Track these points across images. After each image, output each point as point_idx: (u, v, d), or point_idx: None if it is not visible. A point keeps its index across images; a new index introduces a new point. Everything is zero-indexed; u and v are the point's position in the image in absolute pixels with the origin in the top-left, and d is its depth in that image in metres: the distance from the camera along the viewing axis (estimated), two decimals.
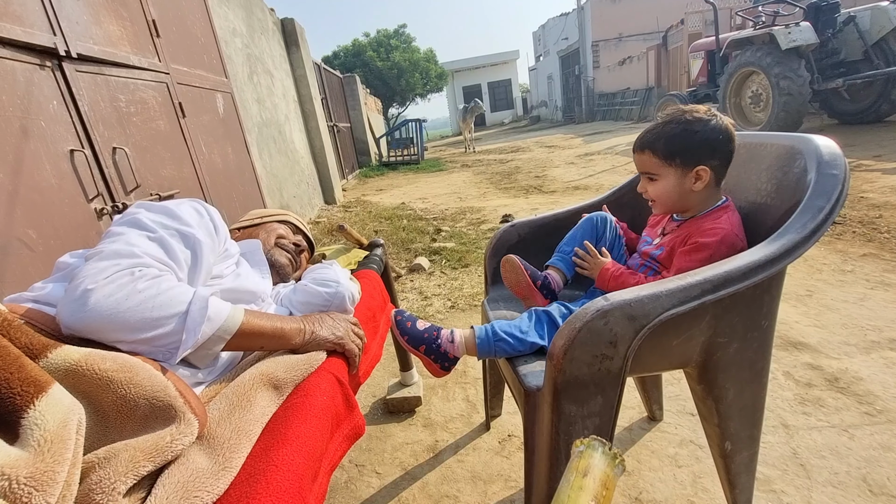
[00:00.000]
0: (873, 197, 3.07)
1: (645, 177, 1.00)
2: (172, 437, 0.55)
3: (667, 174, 0.95)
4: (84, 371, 0.54)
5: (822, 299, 1.92)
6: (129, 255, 0.65)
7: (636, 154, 1.00)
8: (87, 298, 0.59)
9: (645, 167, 0.98)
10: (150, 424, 0.56)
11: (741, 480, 0.94)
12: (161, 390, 0.57)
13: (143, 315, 0.61)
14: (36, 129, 1.37)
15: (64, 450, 0.45)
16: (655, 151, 0.95)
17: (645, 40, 15.02)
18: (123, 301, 0.60)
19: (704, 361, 0.83)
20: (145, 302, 0.62)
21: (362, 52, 19.07)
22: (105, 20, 1.75)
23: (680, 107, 0.97)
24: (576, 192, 5.00)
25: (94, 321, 0.59)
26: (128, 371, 0.56)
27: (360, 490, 1.28)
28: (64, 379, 0.52)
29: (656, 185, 0.97)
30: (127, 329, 0.61)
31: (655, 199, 0.99)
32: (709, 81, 6.81)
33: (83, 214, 1.50)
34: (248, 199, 2.92)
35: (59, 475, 0.44)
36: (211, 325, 0.66)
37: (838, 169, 0.79)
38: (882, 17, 5.04)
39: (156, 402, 0.56)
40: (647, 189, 1.00)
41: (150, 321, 0.62)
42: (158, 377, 0.58)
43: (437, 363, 0.92)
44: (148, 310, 0.62)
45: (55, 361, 0.53)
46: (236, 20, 3.72)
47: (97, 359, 0.56)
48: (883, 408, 1.29)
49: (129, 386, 0.55)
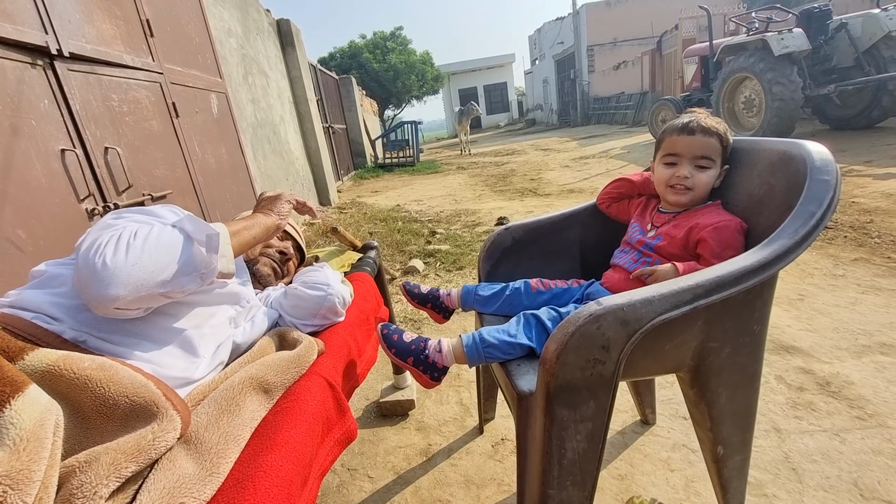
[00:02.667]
0: (864, 202, 3.10)
1: (695, 162, 0.99)
2: (154, 434, 0.54)
3: (717, 164, 0.99)
4: (62, 371, 0.53)
5: (814, 303, 1.93)
6: (111, 226, 0.68)
7: (699, 135, 0.98)
8: (103, 267, 0.60)
9: (706, 151, 0.98)
10: (132, 424, 0.55)
11: (733, 484, 0.95)
12: (142, 387, 0.56)
13: (156, 253, 0.64)
14: (26, 127, 1.35)
15: (40, 449, 0.44)
16: (720, 138, 0.97)
17: (640, 45, 15.12)
18: (132, 251, 0.63)
19: (697, 366, 0.83)
20: (145, 244, 0.64)
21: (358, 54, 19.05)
22: (98, 19, 1.74)
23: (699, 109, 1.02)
24: (571, 194, 5.01)
25: (127, 276, 0.61)
26: (107, 370, 0.56)
27: (352, 494, 1.27)
28: (41, 381, 0.52)
29: (708, 172, 0.99)
30: (157, 267, 0.63)
31: (694, 188, 0.99)
32: (703, 86, 6.88)
33: (74, 215, 1.49)
34: (242, 200, 2.90)
35: (36, 474, 0.43)
36: (215, 233, 0.71)
37: (830, 174, 0.80)
38: (873, 25, 5.11)
39: (136, 400, 0.55)
40: (693, 175, 0.99)
41: (167, 254, 0.65)
42: (138, 376, 0.58)
43: (427, 374, 0.91)
44: (153, 247, 0.65)
45: (32, 363, 0.53)
46: (231, 20, 3.71)
47: (75, 359, 0.55)
48: (873, 412, 1.29)
49: (109, 384, 0.55)
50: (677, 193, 1.01)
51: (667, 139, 1.04)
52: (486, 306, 1.14)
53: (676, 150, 1.01)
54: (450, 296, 1.20)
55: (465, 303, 1.18)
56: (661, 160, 1.06)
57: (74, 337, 0.64)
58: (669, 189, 1.03)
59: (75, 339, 0.63)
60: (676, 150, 1.01)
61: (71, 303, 0.67)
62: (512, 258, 1.27)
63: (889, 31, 5.00)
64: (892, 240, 2.44)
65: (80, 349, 0.62)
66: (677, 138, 1.01)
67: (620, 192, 1.21)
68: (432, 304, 1.20)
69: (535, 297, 1.10)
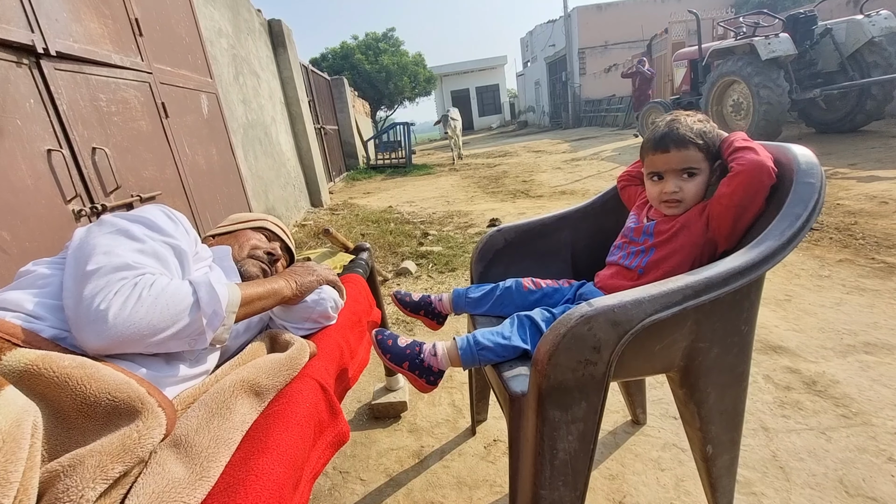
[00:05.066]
0: (849, 204, 3.16)
1: (680, 175, 0.97)
2: (140, 433, 0.53)
3: (704, 168, 0.96)
4: (41, 371, 0.53)
5: (801, 304, 1.96)
6: (127, 267, 0.67)
7: (674, 151, 0.96)
8: (105, 316, 0.61)
9: (687, 162, 0.96)
10: (115, 422, 0.54)
11: (722, 483, 0.96)
12: (123, 384, 0.56)
13: (160, 314, 0.64)
14: (11, 127, 1.33)
15: (17, 449, 0.44)
16: (697, 145, 0.94)
17: (630, 48, 15.29)
18: (139, 308, 0.63)
19: (686, 366, 0.84)
20: (156, 302, 0.64)
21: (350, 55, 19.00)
22: (86, 17, 1.72)
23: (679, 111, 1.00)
24: (562, 196, 5.04)
25: (120, 334, 0.61)
26: (87, 368, 0.55)
27: (344, 497, 1.26)
28: (19, 381, 0.51)
29: (696, 180, 0.96)
30: (153, 331, 0.64)
31: (685, 199, 0.97)
32: (692, 90, 6.96)
33: (60, 216, 1.46)
34: (233, 201, 2.88)
35: (13, 475, 0.43)
36: (222, 304, 0.72)
37: (815, 177, 0.81)
38: (857, 31, 5.22)
39: (118, 396, 0.55)
40: (681, 188, 0.97)
41: (169, 317, 0.65)
42: (119, 374, 0.57)
43: (423, 378, 0.91)
44: (162, 308, 0.65)
45: (9, 363, 0.52)
46: (222, 20, 3.68)
47: (54, 358, 0.54)
48: (858, 410, 1.32)
49: (89, 382, 0.54)
50: (671, 207, 1.00)
51: (646, 157, 1.03)
52: (477, 308, 1.14)
53: (657, 168, 1.00)
54: (441, 301, 1.21)
55: (456, 306, 1.18)
56: (647, 176, 1.05)
57: (54, 335, 0.63)
58: (663, 204, 1.02)
59: (54, 338, 0.63)
60: (657, 167, 1.00)
61: (54, 302, 0.66)
62: (504, 260, 1.28)
63: (872, 36, 5.11)
64: (876, 241, 2.49)
65: (59, 348, 0.62)
66: (654, 157, 1.00)
67: (641, 172, 1.20)
68: (425, 311, 1.22)
69: (527, 295, 1.11)
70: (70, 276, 0.66)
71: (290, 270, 0.97)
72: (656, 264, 0.98)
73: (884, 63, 5.17)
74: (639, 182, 1.20)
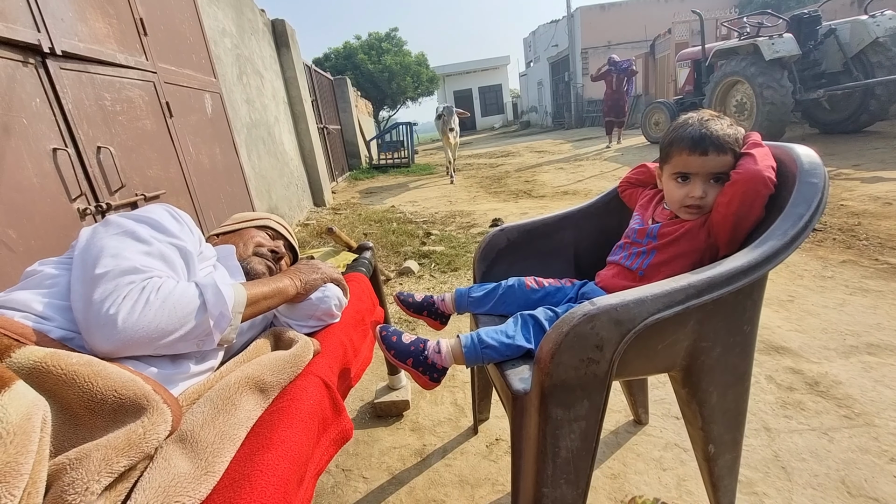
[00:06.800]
0: (852, 205, 3.15)
1: (708, 179, 0.93)
2: (145, 428, 0.54)
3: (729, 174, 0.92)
4: (49, 368, 0.54)
5: (804, 304, 1.96)
6: (134, 271, 0.68)
7: (712, 155, 0.90)
8: (114, 320, 0.62)
9: (722, 167, 0.91)
10: (121, 419, 0.55)
11: (724, 483, 0.96)
12: (130, 381, 0.56)
13: (168, 318, 0.66)
14: (17, 126, 1.34)
15: (27, 442, 0.45)
16: (734, 151, 0.91)
17: (633, 48, 15.24)
18: (147, 312, 0.64)
19: (688, 365, 0.84)
20: (163, 306, 0.66)
21: (353, 55, 19.02)
22: (91, 17, 1.73)
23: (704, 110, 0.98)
24: (565, 196, 5.04)
25: (130, 338, 0.63)
26: (94, 366, 0.56)
27: (347, 495, 1.27)
28: (28, 377, 0.52)
29: (720, 186, 0.92)
30: (162, 334, 0.65)
31: (706, 205, 0.93)
32: (695, 90, 6.95)
33: (65, 214, 1.47)
34: (236, 201, 2.89)
35: (23, 467, 0.43)
36: (229, 306, 0.73)
37: (818, 178, 0.81)
38: (861, 31, 5.20)
39: (124, 394, 0.55)
40: (707, 193, 0.92)
41: (177, 320, 0.67)
42: (125, 372, 0.58)
43: (426, 375, 0.91)
44: (170, 311, 0.66)
45: (19, 360, 0.53)
46: (226, 20, 3.69)
47: (62, 356, 0.55)
48: (861, 411, 1.32)
49: (96, 379, 0.55)
50: (691, 212, 0.96)
51: (676, 156, 0.96)
52: (479, 307, 1.14)
53: (690, 170, 0.94)
54: (444, 301, 1.21)
55: (459, 306, 1.19)
56: (671, 175, 0.98)
57: (62, 336, 0.64)
58: (684, 208, 0.97)
59: (62, 339, 0.64)
60: (690, 169, 0.94)
61: (62, 303, 0.67)
62: (507, 259, 1.28)
63: (876, 37, 5.09)
64: (879, 242, 2.48)
65: (66, 348, 0.62)
66: (689, 158, 0.93)
67: (640, 179, 1.21)
68: (428, 311, 1.22)
69: (529, 294, 1.11)
70: (78, 278, 0.67)
71: (294, 268, 0.98)
72: (657, 268, 0.98)
73: (888, 63, 5.15)
74: (640, 184, 1.21)
